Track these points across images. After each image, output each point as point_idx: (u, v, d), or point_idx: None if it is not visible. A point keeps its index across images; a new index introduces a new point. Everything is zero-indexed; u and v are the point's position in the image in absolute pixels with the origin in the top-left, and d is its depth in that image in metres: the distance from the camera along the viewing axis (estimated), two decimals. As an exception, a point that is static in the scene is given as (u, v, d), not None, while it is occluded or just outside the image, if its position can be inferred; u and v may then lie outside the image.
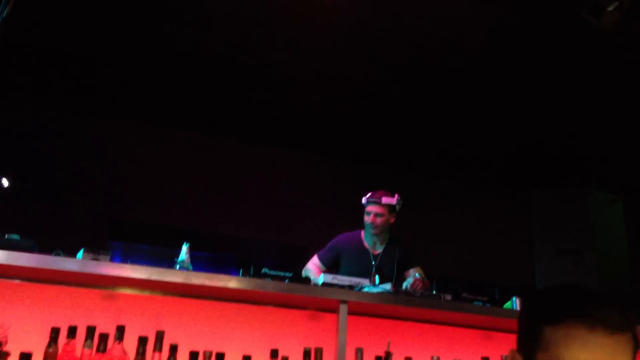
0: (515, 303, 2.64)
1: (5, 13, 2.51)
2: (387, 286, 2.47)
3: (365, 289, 2.38)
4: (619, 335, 1.08)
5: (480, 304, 2.49)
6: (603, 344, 1.06)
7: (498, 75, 5.09)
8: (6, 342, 1.89)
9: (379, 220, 3.59)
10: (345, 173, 6.34)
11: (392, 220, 3.68)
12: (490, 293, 2.62)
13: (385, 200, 3.61)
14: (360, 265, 3.50)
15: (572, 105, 5.45)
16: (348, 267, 3.51)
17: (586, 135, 5.92)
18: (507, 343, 2.58)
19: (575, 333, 1.07)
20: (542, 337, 1.11)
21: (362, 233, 3.72)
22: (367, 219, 3.60)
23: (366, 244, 3.66)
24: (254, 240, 6.11)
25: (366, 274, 3.22)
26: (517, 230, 6.60)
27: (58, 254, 2.01)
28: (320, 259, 3.61)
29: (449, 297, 2.45)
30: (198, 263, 2.71)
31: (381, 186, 3.79)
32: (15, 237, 2.07)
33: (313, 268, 3.57)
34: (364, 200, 3.66)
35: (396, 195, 3.66)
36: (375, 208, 3.60)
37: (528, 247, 3.92)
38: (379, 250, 3.67)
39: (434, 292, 2.50)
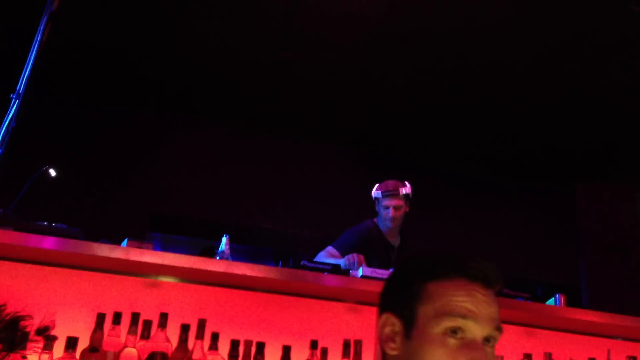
0: (558, 300, 2.59)
1: (52, 8, 2.57)
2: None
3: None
4: (494, 288, 1.19)
5: (522, 300, 2.46)
6: (483, 294, 1.15)
7: (540, 64, 4.99)
8: (54, 326, 1.94)
9: (398, 213, 3.54)
10: (386, 168, 6.31)
11: (407, 209, 3.61)
12: (532, 290, 2.57)
13: (402, 191, 3.54)
14: (384, 259, 3.43)
15: (619, 98, 5.30)
16: (372, 261, 3.39)
17: (634, 128, 5.76)
18: (549, 340, 2.53)
19: (460, 285, 1.14)
20: (424, 292, 1.15)
21: (377, 224, 3.64)
22: (386, 213, 3.52)
23: (387, 237, 3.61)
24: (292, 234, 6.14)
25: (387, 267, 3.14)
26: (561, 227, 6.46)
27: (104, 243, 2.06)
28: (338, 250, 3.47)
29: (490, 292, 2.42)
30: (236, 256, 2.73)
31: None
32: (62, 226, 2.13)
33: (329, 258, 3.42)
34: (378, 194, 3.57)
35: (407, 183, 3.59)
36: (393, 201, 3.52)
37: (573, 245, 3.84)
38: (396, 242, 3.63)
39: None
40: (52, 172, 2.94)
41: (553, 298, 2.60)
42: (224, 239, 2.67)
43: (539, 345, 2.46)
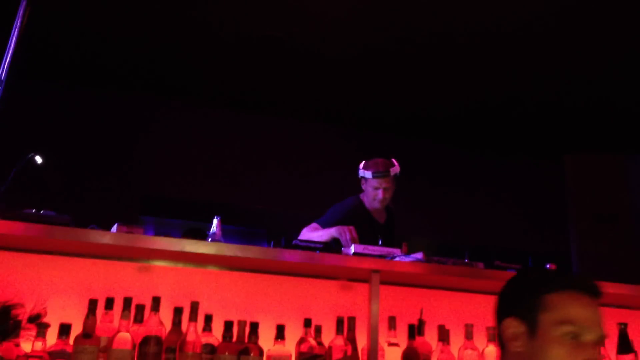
0: (549, 270, 2.61)
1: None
2: (419, 255, 2.46)
3: (397, 259, 2.38)
4: (599, 298, 1.47)
5: (514, 271, 2.47)
6: (593, 304, 1.45)
7: (527, 34, 4.96)
8: (45, 314, 1.94)
9: (388, 194, 3.52)
10: (378, 146, 6.30)
11: (395, 187, 3.57)
12: (523, 261, 2.60)
13: (392, 172, 3.50)
14: (370, 237, 3.33)
15: (605, 65, 5.30)
16: (358, 238, 3.29)
17: (622, 97, 5.77)
18: (541, 310, 2.56)
19: (575, 297, 1.43)
20: (545, 302, 1.43)
21: (362, 201, 3.60)
22: (375, 194, 3.49)
23: (373, 214, 3.59)
24: (284, 214, 6.14)
25: (373, 244, 3.09)
26: (551, 198, 6.51)
27: (93, 229, 2.04)
28: (323, 227, 3.42)
29: (481, 265, 2.44)
30: (229, 237, 2.72)
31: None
32: (51, 213, 2.11)
33: (313, 234, 3.37)
34: (367, 174, 3.51)
35: (395, 162, 3.55)
36: (384, 182, 3.48)
37: (562, 215, 3.87)
38: (382, 219, 3.62)
39: (467, 260, 2.48)
40: (39, 159, 2.92)
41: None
42: (215, 221, 2.66)
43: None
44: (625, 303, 2.61)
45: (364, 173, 3.53)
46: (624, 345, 2.38)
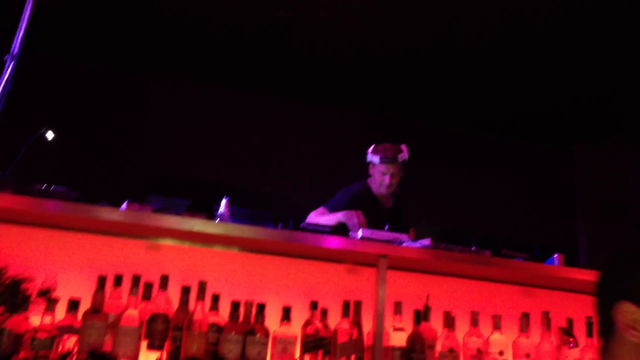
0: (556, 260, 2.60)
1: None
2: (426, 241, 2.46)
3: (404, 244, 2.38)
4: None
5: (521, 260, 2.47)
6: None
7: (539, 21, 4.91)
8: (55, 289, 1.95)
9: (395, 180, 3.49)
10: (386, 129, 6.28)
11: (403, 174, 3.54)
12: (530, 250, 2.59)
13: (400, 158, 3.47)
14: (376, 222, 3.29)
15: (616, 56, 5.24)
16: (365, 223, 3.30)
17: (633, 88, 5.71)
18: (547, 299, 2.56)
19: None
20: None
21: (369, 186, 3.58)
22: (383, 179, 3.45)
23: (380, 199, 3.57)
24: (292, 196, 6.14)
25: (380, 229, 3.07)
26: (559, 187, 6.47)
27: (103, 206, 2.05)
28: (331, 211, 3.40)
29: (488, 253, 2.43)
30: (235, 218, 2.73)
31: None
32: (61, 188, 2.12)
33: (321, 218, 3.36)
34: (375, 159, 3.47)
35: (403, 148, 3.54)
36: (391, 169, 3.44)
37: (571, 205, 3.85)
38: (389, 204, 3.60)
39: (473, 248, 2.48)
40: (50, 135, 2.93)
41: (551, 258, 2.61)
42: (224, 201, 2.67)
43: (536, 305, 2.49)
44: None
45: (372, 158, 3.50)
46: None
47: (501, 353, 2.30)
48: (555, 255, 2.62)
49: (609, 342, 1.26)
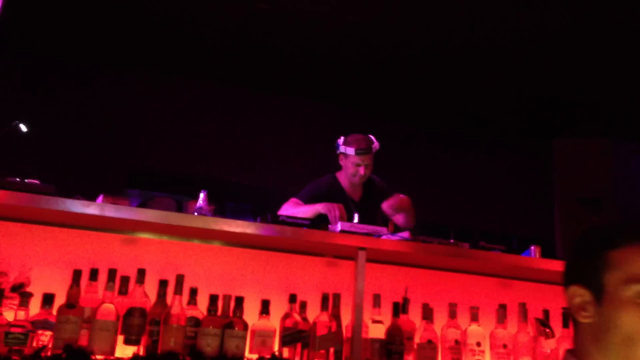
0: (532, 252, 2.63)
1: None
2: (405, 234, 2.47)
3: (383, 237, 2.38)
4: None
5: (498, 252, 2.49)
6: None
7: (517, 17, 4.95)
8: (29, 283, 1.93)
9: (368, 170, 3.49)
10: (364, 123, 6.28)
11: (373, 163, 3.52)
12: (508, 242, 2.62)
13: (374, 148, 3.43)
14: (346, 215, 3.24)
15: (594, 52, 5.30)
16: None
17: (609, 84, 5.78)
18: (524, 291, 2.58)
19: None
20: (610, 261, 1.20)
21: (337, 179, 3.57)
22: (356, 170, 3.42)
23: (349, 192, 3.57)
24: (270, 189, 6.13)
25: (349, 221, 3.05)
26: (536, 180, 6.54)
27: (78, 199, 2.02)
28: (305, 203, 3.38)
29: (466, 245, 2.45)
30: (214, 211, 2.71)
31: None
32: (35, 182, 2.08)
33: (296, 209, 3.33)
34: (349, 150, 3.43)
35: (373, 138, 3.48)
36: (366, 159, 3.42)
37: (548, 198, 3.89)
38: (358, 196, 3.59)
39: (452, 240, 2.49)
40: (23, 127, 2.88)
41: (528, 250, 2.64)
42: (202, 195, 2.64)
43: (513, 296, 2.51)
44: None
45: (345, 149, 3.47)
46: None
47: (479, 344, 2.32)
48: (532, 247, 2.64)
49: (575, 329, 1.28)
